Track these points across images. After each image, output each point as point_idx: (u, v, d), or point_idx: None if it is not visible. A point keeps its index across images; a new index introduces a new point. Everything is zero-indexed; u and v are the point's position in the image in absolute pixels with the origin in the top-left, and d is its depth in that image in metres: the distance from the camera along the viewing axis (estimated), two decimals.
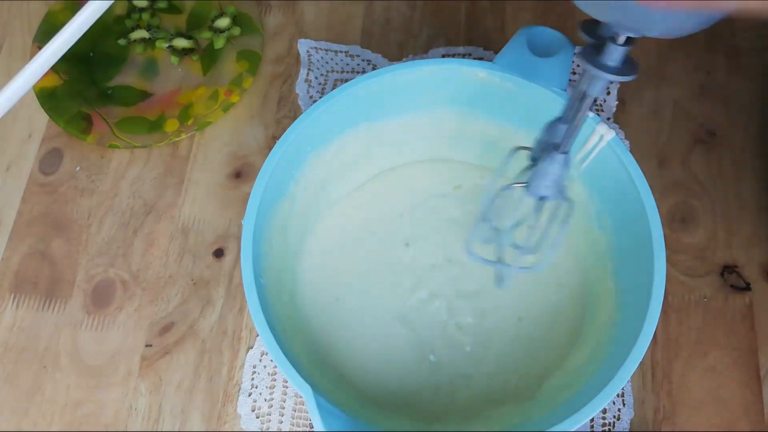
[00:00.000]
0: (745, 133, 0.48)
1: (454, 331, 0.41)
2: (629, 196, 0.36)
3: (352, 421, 0.33)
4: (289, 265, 0.41)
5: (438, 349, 0.40)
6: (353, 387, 0.39)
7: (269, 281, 0.37)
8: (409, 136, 0.44)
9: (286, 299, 0.40)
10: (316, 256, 0.43)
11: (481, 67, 0.38)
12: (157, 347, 0.43)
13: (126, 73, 0.52)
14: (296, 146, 0.38)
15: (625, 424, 0.40)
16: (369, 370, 0.40)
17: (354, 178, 0.45)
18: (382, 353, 0.40)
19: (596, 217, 0.40)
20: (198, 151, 0.49)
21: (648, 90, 0.50)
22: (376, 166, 0.45)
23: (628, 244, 0.37)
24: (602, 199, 0.39)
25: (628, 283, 0.36)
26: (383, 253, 0.43)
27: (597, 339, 0.37)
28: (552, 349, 0.40)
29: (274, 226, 0.38)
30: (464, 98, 0.41)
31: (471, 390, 0.39)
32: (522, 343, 0.40)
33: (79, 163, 0.49)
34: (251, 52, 0.51)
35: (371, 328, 0.41)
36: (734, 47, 0.51)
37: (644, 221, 0.35)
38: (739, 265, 0.44)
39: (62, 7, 0.53)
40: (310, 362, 0.38)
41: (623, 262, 0.37)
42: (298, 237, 0.42)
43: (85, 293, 0.45)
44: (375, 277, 0.42)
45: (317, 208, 0.43)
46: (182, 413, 0.42)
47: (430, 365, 0.40)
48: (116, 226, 0.47)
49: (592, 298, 0.40)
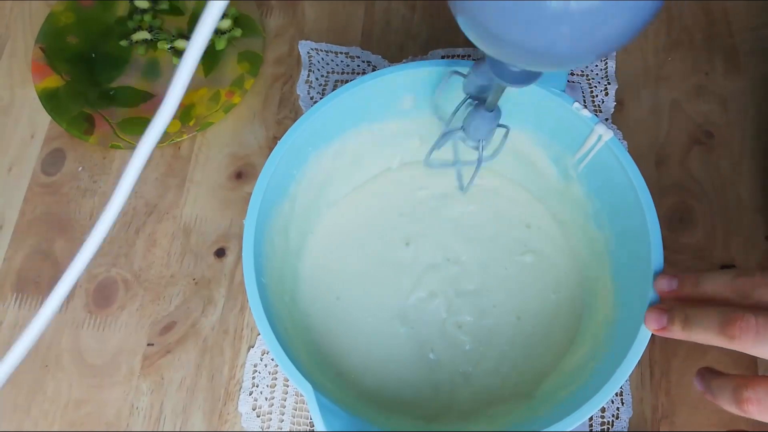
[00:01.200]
0: (743, 134, 0.48)
1: (454, 330, 0.41)
2: (627, 196, 0.36)
3: (352, 420, 0.33)
4: (290, 265, 0.42)
5: (437, 347, 0.41)
6: (354, 386, 0.39)
7: (270, 281, 0.37)
8: (409, 137, 0.44)
9: (288, 299, 0.40)
10: (317, 255, 0.43)
11: None
12: (158, 346, 0.43)
13: (128, 74, 0.52)
14: (297, 147, 0.38)
15: (623, 423, 0.40)
16: (369, 368, 0.40)
17: (354, 178, 0.45)
18: (382, 351, 0.40)
19: (594, 217, 0.40)
20: (199, 152, 0.49)
21: (646, 91, 0.50)
22: (376, 166, 0.45)
23: (626, 243, 0.37)
24: (600, 199, 0.39)
25: (625, 282, 0.37)
26: (383, 253, 0.43)
27: (595, 337, 0.37)
28: (550, 348, 0.40)
29: (276, 226, 0.39)
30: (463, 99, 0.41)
31: (470, 388, 0.39)
32: (521, 342, 0.40)
33: (81, 163, 0.49)
34: (252, 54, 0.51)
35: (371, 326, 0.41)
36: (732, 48, 0.51)
37: (642, 221, 0.35)
38: (737, 264, 0.44)
39: (64, 8, 0.53)
40: (310, 361, 0.38)
41: (621, 262, 0.38)
42: (299, 237, 0.42)
43: (87, 293, 0.45)
44: (375, 276, 0.43)
45: (318, 208, 0.44)
46: (183, 412, 0.42)
47: (430, 363, 0.40)
48: (118, 226, 0.47)
49: (590, 297, 0.40)
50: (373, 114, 0.41)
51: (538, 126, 0.41)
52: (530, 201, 0.44)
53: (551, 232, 0.43)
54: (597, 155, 0.38)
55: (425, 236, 0.44)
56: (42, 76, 0.50)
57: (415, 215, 0.44)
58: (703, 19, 0.53)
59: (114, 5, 0.54)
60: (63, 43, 0.52)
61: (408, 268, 0.43)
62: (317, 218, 0.44)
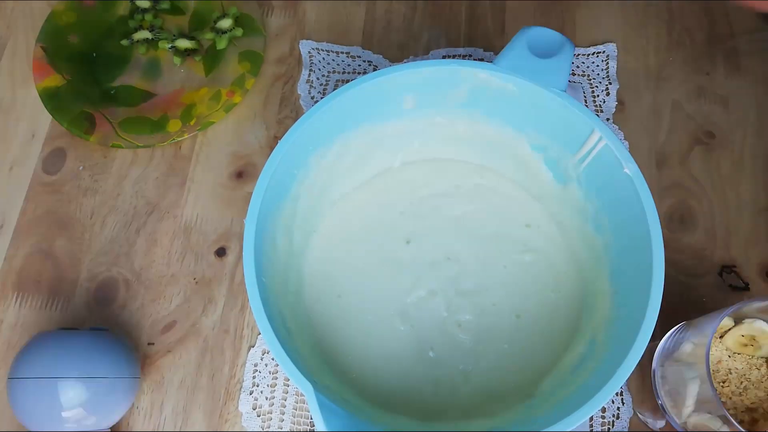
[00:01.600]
0: (743, 134, 0.48)
1: (454, 328, 0.41)
2: (628, 196, 0.36)
3: (352, 420, 0.33)
4: (294, 264, 0.42)
5: (437, 345, 0.41)
6: (355, 384, 0.39)
7: (273, 280, 0.37)
8: (410, 137, 0.44)
9: (291, 298, 0.40)
10: (320, 254, 0.43)
11: (481, 68, 0.39)
12: (159, 345, 0.44)
13: (129, 73, 0.53)
14: (298, 146, 0.38)
15: (624, 423, 0.40)
16: (370, 366, 0.40)
17: (356, 177, 0.45)
18: (383, 349, 0.41)
19: (593, 219, 0.40)
20: (200, 151, 0.50)
21: (647, 91, 0.50)
22: (377, 165, 0.45)
23: (626, 244, 0.37)
24: (600, 199, 0.39)
25: (625, 283, 0.37)
26: (384, 251, 0.43)
27: (594, 337, 0.37)
28: (550, 346, 0.40)
29: (278, 225, 0.39)
30: (464, 99, 0.41)
31: (470, 386, 0.39)
32: (520, 340, 0.40)
33: (83, 162, 0.49)
34: (253, 53, 0.51)
35: (371, 324, 0.41)
36: (733, 49, 0.51)
37: (643, 221, 0.35)
38: (737, 264, 0.44)
39: (65, 8, 0.53)
40: (312, 360, 0.38)
41: (620, 263, 0.38)
42: (303, 236, 0.42)
43: (88, 292, 0.45)
44: (375, 274, 0.43)
45: (321, 208, 0.44)
46: (184, 411, 0.42)
47: (430, 361, 0.40)
48: (119, 226, 0.47)
49: (590, 296, 0.40)
50: (374, 114, 0.41)
51: (538, 127, 0.41)
52: (529, 201, 0.44)
53: (550, 232, 0.43)
54: (597, 155, 0.38)
55: (426, 235, 0.44)
56: (43, 75, 0.50)
57: (416, 214, 0.44)
58: (704, 20, 0.53)
59: (115, 4, 0.54)
60: (64, 43, 0.52)
61: (408, 266, 0.43)
62: (320, 217, 0.44)
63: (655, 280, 0.33)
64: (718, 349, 0.36)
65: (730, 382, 0.36)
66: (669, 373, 0.36)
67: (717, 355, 0.36)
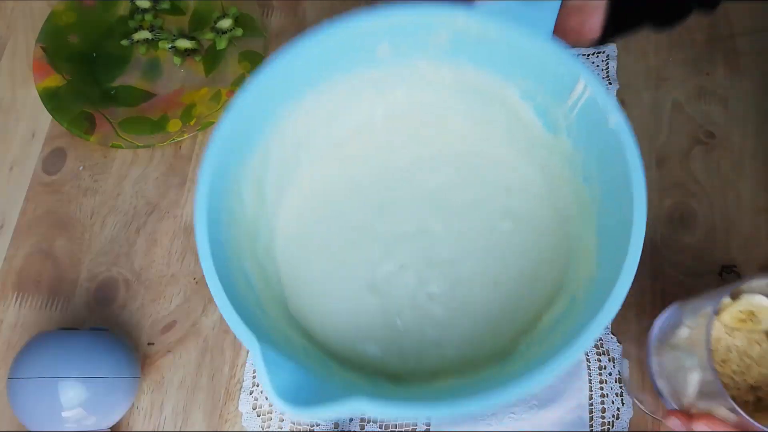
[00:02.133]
0: (743, 134, 0.48)
1: (424, 301, 0.39)
2: (614, 147, 0.34)
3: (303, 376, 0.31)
4: (264, 221, 0.40)
5: (406, 315, 0.39)
6: (321, 344, 0.38)
7: (238, 234, 0.36)
8: (392, 86, 0.42)
9: (261, 252, 0.39)
10: (294, 212, 0.42)
11: (460, 12, 0.36)
12: (159, 345, 0.44)
13: (129, 73, 0.53)
14: (263, 96, 0.36)
15: (624, 423, 0.40)
16: (334, 330, 0.39)
17: (334, 133, 0.43)
18: (350, 317, 0.39)
19: (582, 168, 0.38)
20: (200, 151, 0.50)
21: (647, 91, 0.50)
22: (356, 119, 0.43)
23: (612, 196, 0.36)
24: (589, 150, 0.37)
25: (609, 239, 0.35)
26: (357, 219, 0.42)
27: (574, 295, 0.36)
28: (529, 310, 0.38)
29: (245, 178, 0.38)
30: (447, 46, 0.39)
31: (440, 354, 0.38)
32: (497, 307, 0.39)
33: (83, 162, 0.49)
34: (253, 53, 0.51)
35: (339, 291, 0.40)
36: (733, 49, 0.51)
37: (626, 173, 0.33)
38: (737, 264, 0.44)
39: (65, 8, 0.53)
40: (278, 316, 0.37)
41: (606, 217, 0.36)
42: (276, 193, 0.41)
43: (88, 292, 0.45)
44: (346, 243, 0.41)
45: (297, 164, 0.42)
46: (184, 411, 0.42)
47: (398, 330, 0.39)
48: (119, 226, 0.47)
49: (573, 256, 0.39)
50: (346, 63, 0.39)
51: (526, 75, 0.39)
52: (515, 159, 0.42)
53: (535, 191, 0.41)
54: (585, 104, 0.36)
55: (400, 205, 0.42)
56: (43, 75, 0.50)
57: (392, 181, 0.43)
58: (704, 20, 0.53)
59: (115, 5, 0.54)
60: (64, 43, 0.52)
61: (380, 237, 0.41)
62: (295, 175, 0.42)
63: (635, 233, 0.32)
64: (716, 327, 0.35)
65: (731, 361, 0.34)
66: (666, 361, 0.35)
67: (715, 333, 0.35)
